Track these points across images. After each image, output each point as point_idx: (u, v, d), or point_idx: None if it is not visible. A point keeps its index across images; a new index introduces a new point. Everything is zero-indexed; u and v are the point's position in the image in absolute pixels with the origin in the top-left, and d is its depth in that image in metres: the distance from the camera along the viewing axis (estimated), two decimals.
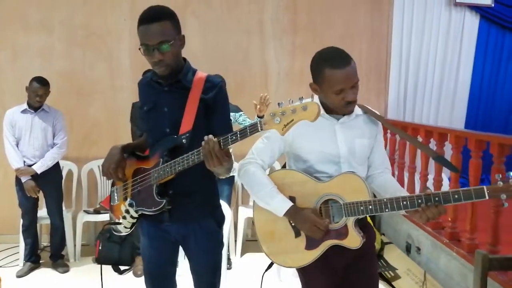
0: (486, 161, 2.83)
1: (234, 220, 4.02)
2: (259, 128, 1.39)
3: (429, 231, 3.16)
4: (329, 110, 1.65)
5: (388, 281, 3.24)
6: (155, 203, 1.66)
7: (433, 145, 3.31)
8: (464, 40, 4.47)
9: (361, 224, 1.66)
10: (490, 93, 4.64)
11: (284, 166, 1.82)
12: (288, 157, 1.77)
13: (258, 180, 1.64)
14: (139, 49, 1.62)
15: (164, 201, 1.65)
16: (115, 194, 1.83)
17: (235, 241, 4.02)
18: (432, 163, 3.40)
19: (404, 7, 4.38)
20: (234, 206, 4.18)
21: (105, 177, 1.75)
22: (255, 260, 3.90)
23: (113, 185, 1.86)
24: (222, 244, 1.85)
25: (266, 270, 1.84)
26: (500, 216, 2.47)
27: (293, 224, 1.62)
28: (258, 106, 3.42)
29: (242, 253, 4.02)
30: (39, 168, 3.46)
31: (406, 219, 3.55)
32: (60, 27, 4.16)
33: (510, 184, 1.36)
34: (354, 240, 1.54)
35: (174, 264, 1.89)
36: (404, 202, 1.45)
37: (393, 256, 3.52)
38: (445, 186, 3.19)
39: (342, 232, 1.55)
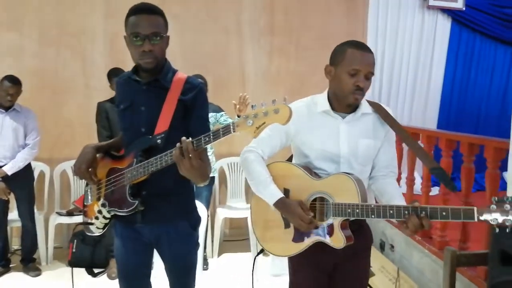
0: (457, 160, 2.92)
1: (211, 220, 4.01)
2: (232, 130, 1.39)
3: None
4: (335, 107, 1.66)
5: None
6: (128, 204, 1.64)
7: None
8: (436, 42, 4.59)
9: (357, 225, 1.66)
10: (461, 94, 4.78)
11: (289, 159, 1.83)
12: (292, 150, 1.79)
13: (255, 169, 1.68)
14: (124, 37, 1.61)
15: (137, 202, 1.63)
16: (89, 194, 1.80)
17: (212, 241, 4.00)
18: (405, 162, 3.47)
19: (379, 9, 4.46)
20: (211, 206, 4.16)
21: (77, 177, 1.72)
22: (232, 260, 3.90)
23: (87, 184, 1.83)
24: (197, 246, 1.84)
25: (258, 254, 1.90)
26: None
27: (284, 216, 1.66)
28: (237, 106, 3.43)
29: (219, 254, 4.01)
30: (9, 169, 3.36)
31: None
32: (32, 26, 4.05)
33: (504, 209, 1.24)
34: (337, 240, 1.55)
35: (148, 265, 1.87)
36: (391, 211, 1.44)
37: None
38: (417, 185, 3.27)
39: (328, 231, 1.57)
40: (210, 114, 3.61)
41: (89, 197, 1.80)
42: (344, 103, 1.63)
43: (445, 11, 4.55)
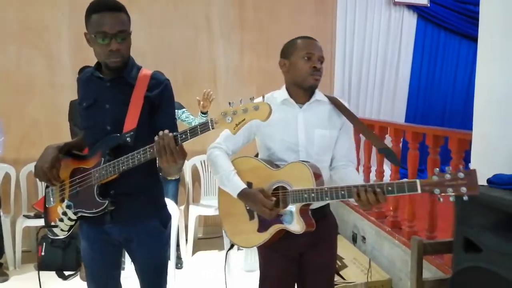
0: (424, 152, 3.00)
1: (184, 218, 3.98)
2: (210, 127, 1.41)
3: (373, 220, 3.29)
4: (293, 97, 1.74)
5: (336, 270, 3.34)
6: (96, 204, 1.61)
7: (388, 141, 3.44)
8: (403, 38, 4.70)
9: (320, 213, 1.75)
10: (427, 87, 4.92)
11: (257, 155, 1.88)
12: (258, 147, 1.86)
13: (219, 163, 1.73)
14: (85, 34, 1.58)
15: (107, 202, 1.60)
16: (51, 196, 1.75)
17: (186, 240, 3.97)
18: (374, 155, 3.55)
19: (347, 5, 4.53)
20: (184, 204, 4.13)
21: (37, 179, 1.66)
22: (206, 258, 3.89)
23: (48, 186, 1.77)
24: (167, 244, 1.83)
25: (229, 249, 1.96)
26: (437, 204, 2.62)
27: (248, 208, 1.71)
28: (201, 102, 3.39)
29: (194, 252, 3.98)
30: None
31: (352, 210, 3.68)
32: None
33: (445, 179, 1.30)
34: (297, 226, 1.60)
35: (117, 267, 1.84)
36: (342, 192, 1.51)
37: (340, 246, 3.60)
38: (387, 177, 3.34)
39: (289, 218, 1.62)
40: None
41: (51, 199, 1.74)
42: (304, 87, 1.72)
43: (411, 7, 4.67)
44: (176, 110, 3.51)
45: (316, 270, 1.80)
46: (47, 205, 1.77)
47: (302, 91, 1.74)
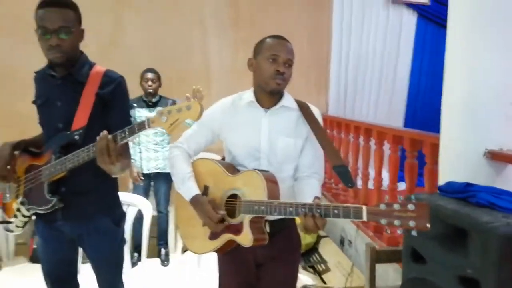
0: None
1: (175, 216, 3.99)
2: (147, 126, 1.43)
3: (357, 224, 3.23)
4: (260, 101, 1.66)
5: (319, 274, 3.30)
6: (46, 201, 1.63)
7: (373, 143, 3.33)
8: (402, 37, 4.58)
9: (282, 226, 1.65)
10: (427, 90, 4.77)
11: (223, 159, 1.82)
12: (224, 148, 1.78)
13: (176, 164, 1.68)
14: (35, 30, 1.58)
15: (55, 199, 1.62)
16: (7, 192, 1.78)
17: (176, 238, 3.98)
18: (372, 162, 3.42)
19: (344, 4, 4.45)
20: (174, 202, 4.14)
21: None
22: (196, 257, 3.88)
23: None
24: (122, 242, 1.83)
25: (185, 251, 1.88)
26: None
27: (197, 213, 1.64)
28: (192, 100, 3.39)
29: (184, 250, 3.98)
30: None
31: None
32: None
33: (393, 209, 1.19)
34: (245, 239, 1.52)
35: (73, 264, 1.85)
36: (290, 209, 1.40)
37: (328, 249, 3.58)
38: (385, 185, 3.23)
39: (238, 228, 1.55)
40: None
41: (7, 195, 1.77)
42: (267, 90, 1.61)
43: (410, 6, 4.55)
44: None
45: (271, 285, 1.70)
46: (4, 201, 1.80)
47: (267, 95, 1.63)
